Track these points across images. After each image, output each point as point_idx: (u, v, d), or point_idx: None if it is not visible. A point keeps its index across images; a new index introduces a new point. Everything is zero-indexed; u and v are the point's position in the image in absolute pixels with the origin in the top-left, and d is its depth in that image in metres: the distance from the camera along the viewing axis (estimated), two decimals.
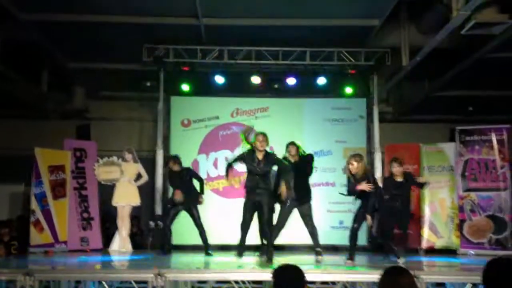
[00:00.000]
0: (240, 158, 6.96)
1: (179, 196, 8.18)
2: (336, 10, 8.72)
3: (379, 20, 8.93)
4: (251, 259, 7.12)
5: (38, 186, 8.87)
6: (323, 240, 10.03)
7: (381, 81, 10.85)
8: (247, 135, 6.95)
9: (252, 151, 6.83)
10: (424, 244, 9.29)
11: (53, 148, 9.43)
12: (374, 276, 5.50)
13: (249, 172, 6.94)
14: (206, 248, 8.16)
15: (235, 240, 7.40)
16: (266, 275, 5.34)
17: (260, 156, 6.82)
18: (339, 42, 9.90)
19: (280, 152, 7.40)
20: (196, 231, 8.22)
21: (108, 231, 9.73)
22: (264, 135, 6.86)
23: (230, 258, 7.13)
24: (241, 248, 7.14)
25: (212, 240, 8.59)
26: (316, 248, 7.28)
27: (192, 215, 8.22)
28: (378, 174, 10.12)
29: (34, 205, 8.79)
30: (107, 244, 9.18)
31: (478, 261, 6.96)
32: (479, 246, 8.81)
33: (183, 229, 9.03)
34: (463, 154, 9.26)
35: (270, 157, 6.86)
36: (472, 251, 8.60)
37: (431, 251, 9.13)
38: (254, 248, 7.93)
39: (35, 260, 7.63)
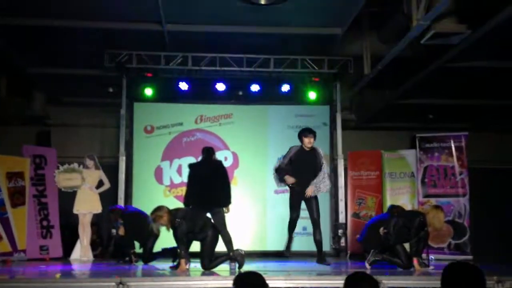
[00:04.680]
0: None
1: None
2: (300, 18, 8.79)
3: (341, 29, 9.04)
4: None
5: None
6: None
7: (344, 89, 10.98)
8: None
9: None
10: None
11: (12, 155, 9.20)
12: (338, 281, 5.55)
13: None
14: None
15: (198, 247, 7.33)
16: (230, 282, 5.32)
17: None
18: (303, 50, 9.98)
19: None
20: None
21: (69, 239, 9.53)
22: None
23: (197, 265, 7.04)
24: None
25: None
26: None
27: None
28: (341, 181, 10.24)
29: None
30: (67, 253, 9.01)
31: (438, 265, 7.11)
32: (439, 251, 8.99)
33: None
34: (423, 161, 9.45)
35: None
36: (432, 256, 8.73)
37: None
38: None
39: None
